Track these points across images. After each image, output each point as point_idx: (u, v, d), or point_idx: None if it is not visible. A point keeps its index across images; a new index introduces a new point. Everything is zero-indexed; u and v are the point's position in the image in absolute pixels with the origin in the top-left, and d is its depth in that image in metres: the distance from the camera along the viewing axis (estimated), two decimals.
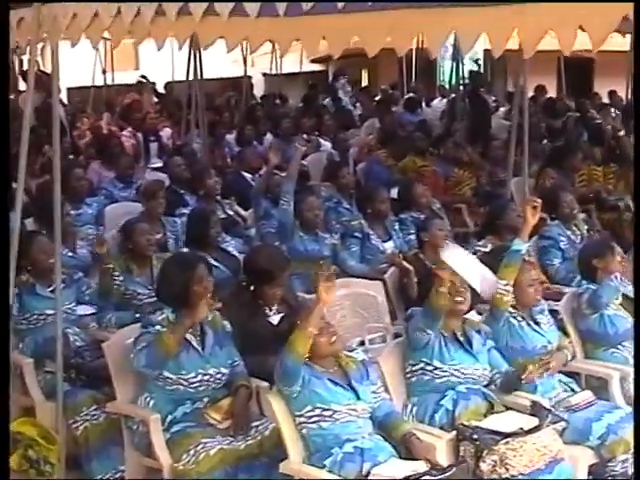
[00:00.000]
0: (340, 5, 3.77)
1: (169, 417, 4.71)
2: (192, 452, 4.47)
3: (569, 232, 7.04)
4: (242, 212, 8.03)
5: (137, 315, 5.81)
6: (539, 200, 5.42)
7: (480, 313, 5.27)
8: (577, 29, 3.22)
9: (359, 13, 3.77)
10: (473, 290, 4.78)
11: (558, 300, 5.80)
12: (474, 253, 5.72)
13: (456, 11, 3.47)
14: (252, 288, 5.41)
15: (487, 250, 6.32)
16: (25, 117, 5.19)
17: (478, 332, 4.96)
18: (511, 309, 5.16)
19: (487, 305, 5.23)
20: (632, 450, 4.65)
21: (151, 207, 7.31)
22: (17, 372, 5.56)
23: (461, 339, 4.86)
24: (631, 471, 4.65)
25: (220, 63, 15.49)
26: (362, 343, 5.61)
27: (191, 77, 10.87)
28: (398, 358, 4.91)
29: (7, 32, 3.20)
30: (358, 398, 4.37)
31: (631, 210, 8.57)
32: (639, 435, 3.15)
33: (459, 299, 4.80)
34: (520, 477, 4.23)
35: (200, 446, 4.49)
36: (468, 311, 5.02)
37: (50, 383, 5.45)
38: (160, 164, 10.90)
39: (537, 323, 5.21)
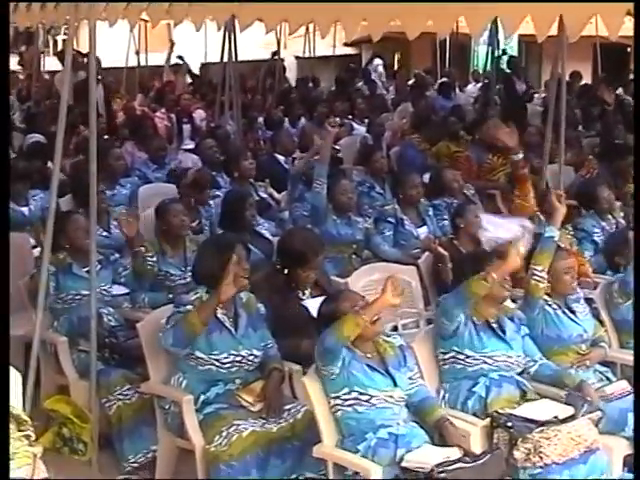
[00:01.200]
0: None
1: (202, 398, 4.71)
2: (224, 434, 4.46)
3: (604, 223, 6.94)
4: (276, 195, 7.99)
5: (170, 296, 5.81)
6: (561, 192, 5.53)
7: (514, 300, 5.21)
8: (624, 15, 3.14)
9: None
10: None
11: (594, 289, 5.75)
12: None
13: None
14: (286, 271, 5.39)
15: None
16: (62, 97, 5.18)
17: (511, 319, 4.92)
18: (546, 297, 5.12)
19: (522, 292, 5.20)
20: None
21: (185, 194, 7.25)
22: (52, 350, 5.61)
23: (494, 326, 4.82)
24: None
25: (251, 46, 15.47)
26: (395, 328, 5.60)
27: (225, 59, 10.82)
28: (432, 343, 4.88)
29: (7, 31, 3.15)
30: (395, 385, 4.35)
31: None
32: (639, 430, 3.04)
33: (507, 286, 4.78)
34: (554, 466, 4.20)
35: (233, 428, 4.48)
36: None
37: (84, 362, 5.47)
38: (192, 146, 10.88)
39: (573, 312, 5.16)
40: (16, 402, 3.22)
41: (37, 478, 2.85)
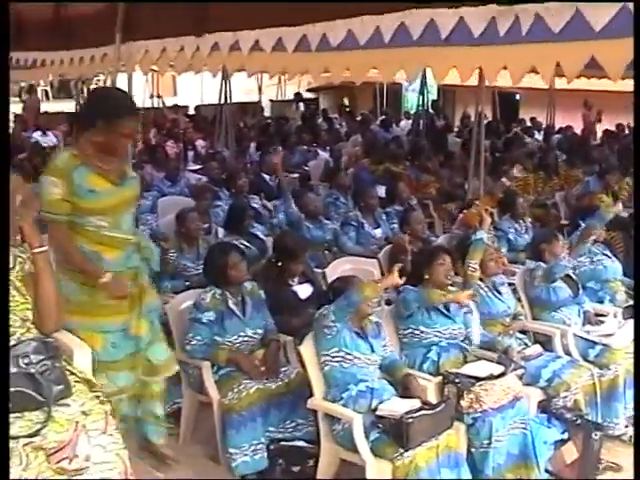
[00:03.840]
0: (362, 42, 3.57)
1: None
2: (236, 390, 4.34)
3: (517, 225, 6.89)
4: (269, 205, 7.83)
5: (187, 283, 5.66)
6: (489, 207, 5.66)
7: (453, 285, 5.11)
8: (555, 65, 3.05)
9: (377, 49, 3.56)
10: None
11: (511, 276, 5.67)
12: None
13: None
14: (279, 264, 5.25)
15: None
16: None
17: None
18: (479, 282, 5.05)
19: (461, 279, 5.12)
20: (571, 391, 4.61)
21: (200, 204, 6.93)
22: None
23: (440, 306, 4.71)
24: (569, 404, 4.57)
25: (237, 92, 15.37)
26: None
27: (222, 101, 10.65)
28: (394, 320, 4.76)
29: (7, 33, 2.93)
30: (372, 350, 4.22)
31: (557, 208, 8.48)
32: (639, 431, 2.88)
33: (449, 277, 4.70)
34: (490, 411, 4.12)
35: (242, 386, 4.35)
36: None
37: None
38: (195, 167, 10.72)
39: (500, 292, 5.11)
40: (87, 369, 3.06)
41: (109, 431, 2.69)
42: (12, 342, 2.68)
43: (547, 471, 4.32)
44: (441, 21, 3.25)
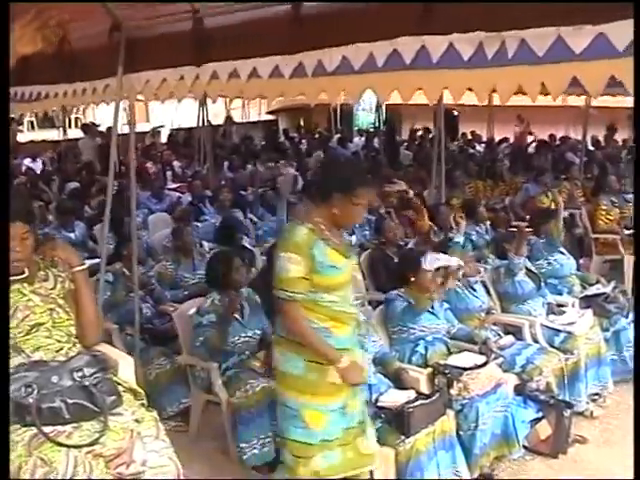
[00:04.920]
0: (356, 67, 3.51)
1: (223, 365, 4.47)
2: (243, 390, 4.25)
3: (477, 227, 6.93)
4: (254, 218, 7.74)
5: (185, 292, 5.53)
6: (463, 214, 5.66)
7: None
8: (540, 84, 3.05)
9: (371, 73, 3.49)
10: None
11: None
12: None
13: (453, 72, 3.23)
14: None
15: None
16: (111, 158, 4.82)
17: None
18: (456, 281, 5.03)
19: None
20: (543, 375, 4.63)
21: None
22: (106, 335, 5.25)
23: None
24: (542, 387, 4.58)
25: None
26: None
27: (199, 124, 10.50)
28: (384, 319, 4.72)
29: (7, 32, 2.84)
30: (365, 350, 4.11)
31: (506, 211, 8.53)
32: (639, 430, 2.88)
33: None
34: (476, 397, 4.11)
35: (248, 385, 4.27)
36: None
37: (130, 342, 5.15)
38: (174, 185, 10.56)
39: (474, 290, 5.12)
40: (131, 379, 2.95)
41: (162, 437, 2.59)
42: (61, 357, 2.59)
43: (525, 447, 4.35)
44: (432, 46, 3.22)
